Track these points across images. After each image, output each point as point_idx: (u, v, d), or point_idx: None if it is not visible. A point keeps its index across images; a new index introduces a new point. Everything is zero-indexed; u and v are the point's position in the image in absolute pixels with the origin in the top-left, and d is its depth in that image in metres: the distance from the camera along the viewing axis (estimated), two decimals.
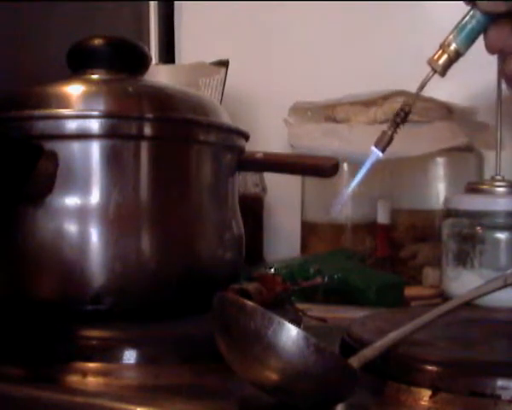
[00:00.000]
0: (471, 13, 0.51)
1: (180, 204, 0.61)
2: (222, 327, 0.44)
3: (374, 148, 0.52)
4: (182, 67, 1.12)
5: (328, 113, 0.99)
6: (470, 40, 0.51)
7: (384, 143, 0.52)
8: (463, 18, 0.51)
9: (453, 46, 0.51)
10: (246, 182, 1.01)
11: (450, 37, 0.51)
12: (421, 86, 0.52)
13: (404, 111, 0.51)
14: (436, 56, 0.52)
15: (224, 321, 0.44)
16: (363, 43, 1.09)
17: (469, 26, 0.51)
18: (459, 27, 0.51)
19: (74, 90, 0.60)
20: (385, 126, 0.52)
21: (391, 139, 0.51)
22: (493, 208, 0.77)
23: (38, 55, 0.90)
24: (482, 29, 0.51)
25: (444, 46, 0.51)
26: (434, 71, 0.52)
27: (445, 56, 0.51)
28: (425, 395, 0.44)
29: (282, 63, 1.14)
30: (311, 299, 0.77)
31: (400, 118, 0.51)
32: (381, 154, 0.52)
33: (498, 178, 0.80)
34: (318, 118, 1.00)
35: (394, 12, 1.07)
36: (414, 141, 0.87)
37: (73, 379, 0.50)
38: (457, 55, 0.51)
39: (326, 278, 0.81)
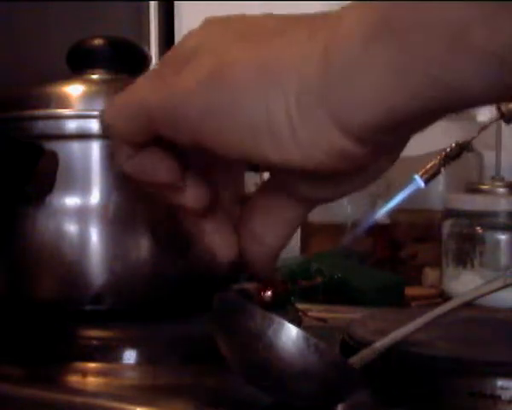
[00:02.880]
0: None
1: None
2: (222, 327, 0.44)
3: (417, 177, 0.49)
4: None
5: None
6: None
7: (429, 176, 0.49)
8: None
9: None
10: (246, 182, 1.00)
11: None
12: (483, 128, 0.48)
13: (460, 146, 0.48)
14: None
15: (223, 321, 0.44)
16: None
17: None
18: None
19: (74, 90, 0.60)
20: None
21: (438, 172, 0.48)
22: (493, 208, 0.77)
23: (38, 55, 0.90)
24: None
25: None
26: (502, 114, 0.47)
27: None
28: (425, 394, 0.44)
29: None
30: (311, 299, 0.77)
31: (456, 152, 0.48)
32: (423, 185, 0.49)
33: (498, 178, 0.80)
34: None
35: None
36: (413, 141, 0.87)
37: (73, 379, 0.50)
38: None
39: (326, 278, 0.81)
